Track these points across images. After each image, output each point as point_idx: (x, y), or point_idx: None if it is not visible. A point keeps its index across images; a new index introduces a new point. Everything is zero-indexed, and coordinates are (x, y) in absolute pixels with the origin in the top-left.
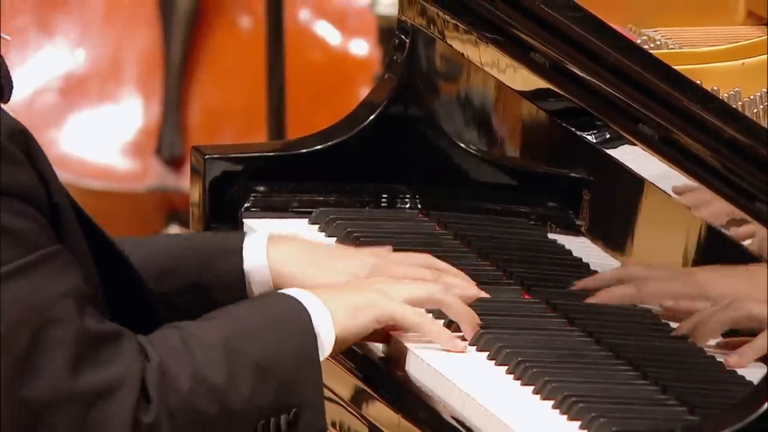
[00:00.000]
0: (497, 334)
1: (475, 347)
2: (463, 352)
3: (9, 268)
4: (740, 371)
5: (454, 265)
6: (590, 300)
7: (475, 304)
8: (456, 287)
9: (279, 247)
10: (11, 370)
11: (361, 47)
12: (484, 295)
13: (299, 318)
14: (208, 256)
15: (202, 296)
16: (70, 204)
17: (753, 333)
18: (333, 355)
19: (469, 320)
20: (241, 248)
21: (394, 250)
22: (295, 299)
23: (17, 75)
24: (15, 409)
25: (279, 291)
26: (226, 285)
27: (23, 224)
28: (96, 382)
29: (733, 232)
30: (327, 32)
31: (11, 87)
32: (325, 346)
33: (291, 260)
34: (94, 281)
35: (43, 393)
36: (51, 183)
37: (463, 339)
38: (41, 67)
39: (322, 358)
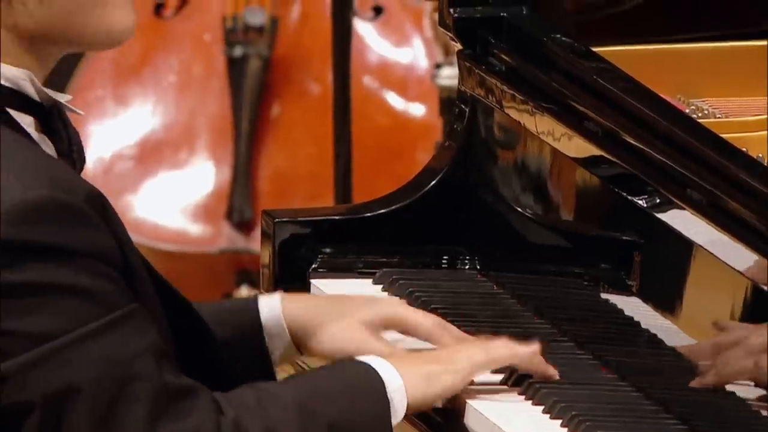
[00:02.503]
0: (552, 389)
1: (531, 401)
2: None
3: (91, 327)
4: None
5: (511, 322)
6: (710, 381)
7: None
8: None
9: (292, 298)
10: (94, 425)
11: (423, 115)
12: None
13: (374, 384)
14: (231, 314)
15: (225, 352)
16: (143, 264)
17: None
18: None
19: (549, 373)
20: (257, 305)
21: (455, 309)
22: (370, 366)
23: (96, 143)
24: None
25: (355, 358)
26: (246, 338)
27: (103, 285)
28: None
29: None
30: (391, 100)
31: (83, 160)
32: (398, 411)
33: (304, 306)
34: (168, 338)
35: None
36: (126, 244)
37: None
38: (118, 136)
39: (394, 423)
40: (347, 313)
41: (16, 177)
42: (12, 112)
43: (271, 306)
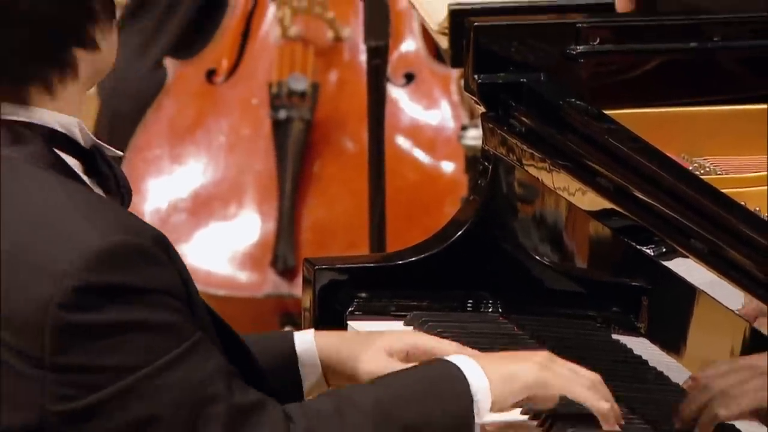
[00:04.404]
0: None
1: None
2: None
3: (166, 359)
4: None
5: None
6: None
7: None
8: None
9: (323, 333)
10: None
11: (450, 171)
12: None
13: (457, 382)
14: (269, 344)
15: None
16: (201, 299)
17: None
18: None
19: (612, 421)
20: (293, 338)
21: (479, 348)
22: (454, 364)
23: (153, 197)
24: None
25: (440, 358)
26: (282, 366)
27: (174, 318)
28: None
29: None
30: (421, 158)
31: (130, 196)
32: (482, 411)
33: (334, 339)
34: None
35: None
36: (187, 280)
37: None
38: (173, 190)
39: (478, 422)
40: (372, 343)
41: (91, 224)
42: (63, 157)
43: (305, 339)
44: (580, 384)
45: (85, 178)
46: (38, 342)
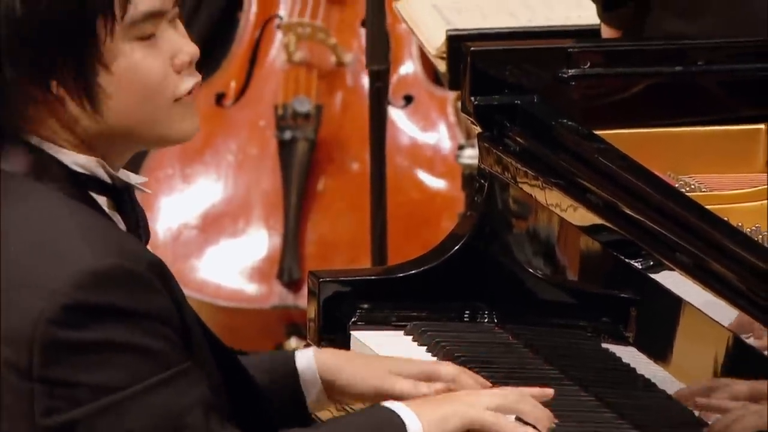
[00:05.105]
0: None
1: None
2: None
3: (148, 383)
4: None
5: (524, 369)
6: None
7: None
8: (527, 393)
9: (323, 351)
10: None
11: (448, 189)
12: (549, 391)
13: (396, 428)
14: (272, 363)
15: (268, 394)
16: (198, 322)
17: None
18: None
19: (544, 423)
20: (294, 357)
21: (476, 357)
22: (392, 411)
23: (165, 214)
24: None
25: (377, 405)
26: (284, 383)
27: (161, 344)
28: None
29: (756, 342)
30: (420, 176)
31: (148, 235)
32: None
33: (333, 357)
34: (220, 389)
35: None
36: (182, 306)
37: None
38: (184, 208)
39: None
40: (372, 363)
41: (88, 245)
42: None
43: (307, 357)
44: (507, 423)
45: (109, 212)
46: (28, 355)
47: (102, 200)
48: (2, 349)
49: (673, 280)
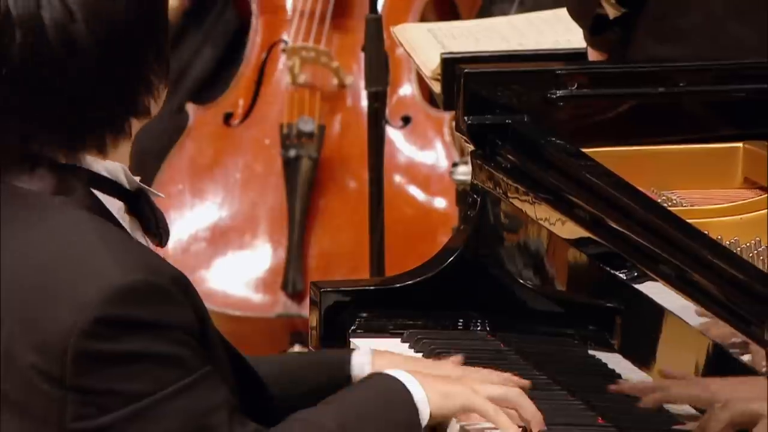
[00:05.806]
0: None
1: None
2: None
3: (174, 388)
4: None
5: (514, 374)
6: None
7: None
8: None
9: (382, 358)
10: None
11: (443, 205)
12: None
13: (403, 395)
14: (328, 367)
15: (321, 399)
16: (216, 332)
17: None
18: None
19: (538, 422)
20: (350, 360)
21: (469, 363)
22: (397, 379)
23: (175, 228)
24: None
25: (383, 371)
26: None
27: (184, 352)
28: None
29: (734, 350)
30: (416, 193)
31: (168, 235)
32: (423, 420)
33: (392, 366)
34: (234, 391)
35: None
36: (203, 316)
37: None
38: (194, 222)
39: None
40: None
41: (115, 261)
42: (102, 199)
43: (362, 361)
44: (503, 417)
45: (126, 217)
46: (60, 364)
47: (118, 206)
48: (32, 357)
49: (656, 290)
